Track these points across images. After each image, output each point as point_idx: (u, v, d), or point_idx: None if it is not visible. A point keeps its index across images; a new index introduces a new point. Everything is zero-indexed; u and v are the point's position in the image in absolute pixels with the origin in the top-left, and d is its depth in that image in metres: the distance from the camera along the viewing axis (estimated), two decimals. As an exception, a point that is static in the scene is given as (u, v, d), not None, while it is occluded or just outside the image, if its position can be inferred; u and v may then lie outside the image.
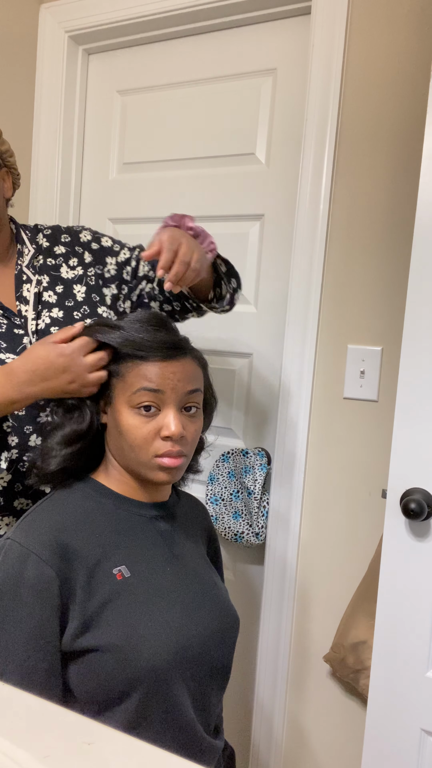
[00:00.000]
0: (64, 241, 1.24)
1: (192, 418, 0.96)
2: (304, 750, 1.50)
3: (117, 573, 0.91)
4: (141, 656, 0.87)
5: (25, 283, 1.17)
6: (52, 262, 1.21)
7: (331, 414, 1.44)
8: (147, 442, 0.92)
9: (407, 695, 1.12)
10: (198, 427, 0.97)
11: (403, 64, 1.34)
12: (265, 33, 1.59)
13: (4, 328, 1.12)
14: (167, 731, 0.91)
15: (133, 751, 0.46)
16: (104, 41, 1.79)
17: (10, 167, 1.18)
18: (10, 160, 1.17)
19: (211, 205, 1.68)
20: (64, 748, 0.45)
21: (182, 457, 0.94)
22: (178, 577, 0.97)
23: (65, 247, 1.23)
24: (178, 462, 0.93)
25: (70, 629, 0.88)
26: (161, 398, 0.92)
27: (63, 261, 1.22)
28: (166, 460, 0.92)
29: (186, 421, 0.95)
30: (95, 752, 0.45)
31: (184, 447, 0.94)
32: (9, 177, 1.18)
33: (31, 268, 1.19)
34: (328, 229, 1.43)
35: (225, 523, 1.55)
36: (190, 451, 0.97)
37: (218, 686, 0.99)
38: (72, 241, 1.25)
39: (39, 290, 1.17)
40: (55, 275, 1.20)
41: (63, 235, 1.25)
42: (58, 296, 1.18)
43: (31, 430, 1.12)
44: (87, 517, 0.94)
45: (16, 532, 0.91)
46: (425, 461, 1.10)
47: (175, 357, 0.94)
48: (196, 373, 0.96)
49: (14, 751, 0.44)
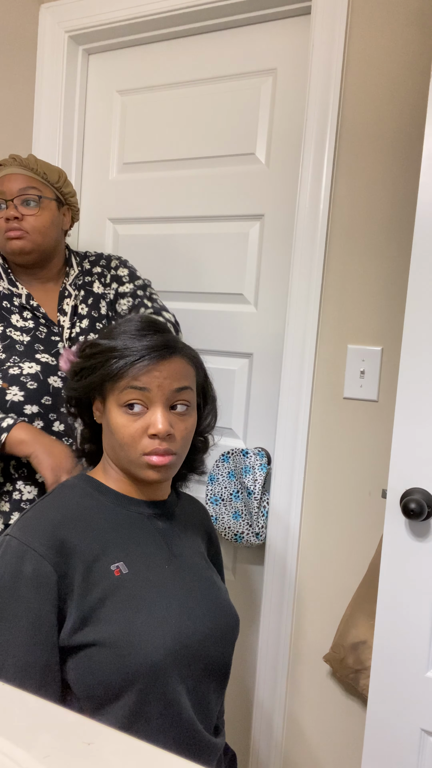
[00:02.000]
0: (102, 264, 1.48)
1: (181, 416, 0.96)
2: (304, 750, 1.50)
3: (115, 569, 0.92)
4: (138, 652, 0.88)
5: (66, 297, 1.40)
6: (89, 279, 1.45)
7: (331, 414, 1.44)
8: (135, 440, 0.93)
9: (407, 695, 1.12)
10: (188, 426, 0.97)
11: (403, 63, 1.34)
12: (265, 33, 1.59)
13: (44, 335, 1.33)
14: (165, 728, 0.91)
15: (132, 750, 0.46)
16: (104, 41, 1.79)
17: (72, 205, 1.43)
18: (72, 200, 1.42)
19: (212, 205, 1.68)
20: (64, 748, 0.45)
21: (171, 455, 0.94)
22: (176, 574, 0.97)
23: (101, 269, 1.48)
24: (167, 460, 0.93)
25: (67, 624, 0.88)
26: (148, 396, 0.92)
27: (96, 278, 1.46)
28: (154, 458, 0.93)
29: (174, 419, 0.95)
30: (95, 752, 0.45)
31: (172, 445, 0.94)
32: (69, 213, 1.43)
33: (73, 285, 1.42)
34: (328, 229, 1.43)
35: (225, 523, 1.55)
36: (181, 450, 0.96)
37: (217, 685, 0.99)
38: (107, 264, 1.49)
39: (76, 303, 1.40)
40: (89, 290, 1.44)
41: (102, 260, 1.49)
42: (88, 307, 1.41)
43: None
44: (85, 513, 0.95)
45: (14, 529, 0.92)
46: (425, 461, 1.10)
47: (163, 355, 0.93)
48: (185, 372, 0.96)
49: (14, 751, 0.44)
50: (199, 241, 1.69)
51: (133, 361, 0.92)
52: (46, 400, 1.28)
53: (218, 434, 1.68)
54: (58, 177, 1.38)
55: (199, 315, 1.69)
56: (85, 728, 0.48)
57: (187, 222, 1.72)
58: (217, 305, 1.68)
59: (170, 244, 1.74)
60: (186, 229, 1.72)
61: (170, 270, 1.74)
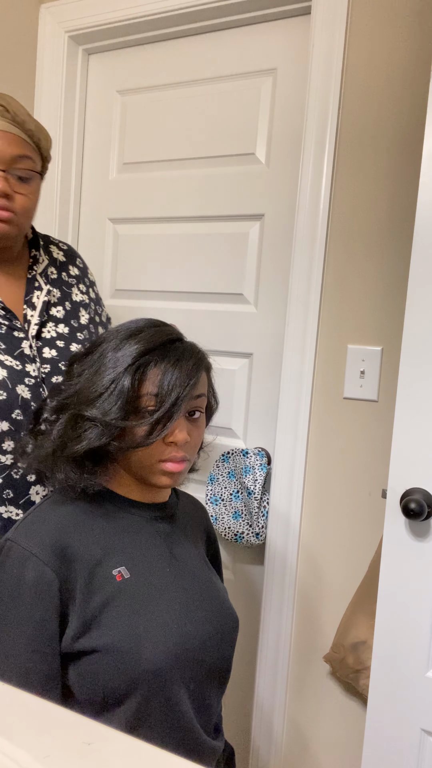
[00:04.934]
0: (79, 265, 1.30)
1: (196, 423, 0.96)
2: (304, 750, 1.50)
3: (117, 574, 0.91)
4: (140, 657, 0.87)
5: (36, 289, 1.19)
6: (66, 280, 1.25)
7: (331, 414, 1.44)
8: (151, 446, 0.92)
9: (407, 695, 1.12)
10: (201, 432, 0.98)
11: (403, 63, 1.34)
12: (265, 33, 1.59)
13: (4, 329, 1.12)
14: (167, 732, 0.91)
15: (132, 751, 0.46)
16: (104, 41, 1.79)
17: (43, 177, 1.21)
18: (45, 171, 1.20)
19: (212, 205, 1.68)
20: (64, 748, 0.45)
21: (185, 461, 0.94)
22: (178, 577, 0.97)
23: (79, 271, 1.29)
24: (181, 467, 0.93)
25: (69, 630, 0.88)
26: None
27: (75, 283, 1.27)
28: (170, 465, 0.92)
29: (190, 426, 0.95)
30: (95, 752, 0.45)
31: (187, 452, 0.94)
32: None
33: (44, 277, 1.22)
34: (328, 229, 1.43)
35: (225, 523, 1.55)
36: (193, 455, 0.97)
37: (218, 686, 0.99)
38: (84, 269, 1.32)
39: (49, 300, 1.20)
40: (67, 292, 1.24)
41: (78, 259, 1.31)
42: (66, 313, 1.22)
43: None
44: (87, 518, 0.94)
45: (16, 533, 0.91)
46: (425, 461, 1.09)
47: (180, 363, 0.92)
48: (203, 380, 0.96)
49: (14, 751, 0.44)
50: (199, 241, 1.69)
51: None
52: (17, 415, 1.07)
53: (218, 434, 1.68)
54: (48, 144, 1.16)
55: (199, 315, 1.69)
56: (85, 728, 0.48)
57: (187, 222, 1.72)
58: (217, 305, 1.68)
59: (170, 244, 1.74)
60: (186, 229, 1.72)
61: (170, 270, 1.74)
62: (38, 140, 1.13)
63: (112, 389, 0.89)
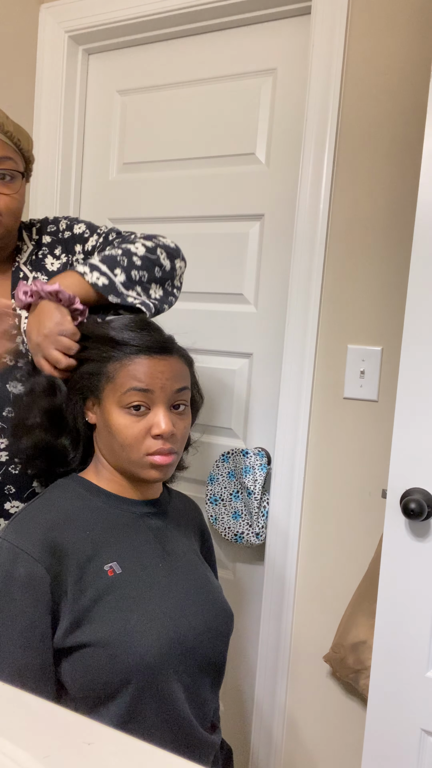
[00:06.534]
0: (50, 230, 1.26)
1: (181, 416, 0.97)
2: (303, 750, 1.50)
3: (108, 569, 0.92)
4: (133, 651, 0.88)
5: (22, 280, 1.18)
6: (41, 255, 1.23)
7: (331, 414, 1.44)
8: (138, 440, 0.93)
9: (407, 695, 1.12)
10: (187, 425, 0.99)
11: (403, 63, 1.34)
12: (265, 33, 1.59)
13: None
14: (161, 726, 0.91)
15: (132, 750, 0.46)
16: (104, 41, 1.79)
17: (27, 178, 1.22)
18: (30, 171, 1.21)
19: (212, 205, 1.68)
20: (64, 748, 0.45)
21: (173, 454, 0.95)
22: (170, 572, 0.98)
23: (50, 237, 1.25)
24: (170, 459, 0.95)
25: (62, 626, 0.88)
26: (151, 397, 0.93)
27: (48, 252, 1.23)
28: (158, 458, 0.94)
29: (175, 418, 0.96)
30: (95, 752, 0.45)
31: (174, 444, 0.95)
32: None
33: (29, 265, 1.21)
34: (328, 229, 1.43)
35: (225, 524, 1.55)
36: (180, 448, 0.98)
37: (212, 681, 1.00)
38: (56, 230, 1.26)
39: None
40: (43, 266, 1.22)
41: (49, 225, 1.27)
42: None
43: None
44: (78, 514, 0.95)
45: (6, 531, 0.92)
46: (425, 461, 1.10)
47: (162, 356, 0.95)
48: (183, 372, 0.98)
49: (14, 751, 0.44)
50: (199, 241, 1.69)
51: (133, 354, 0.93)
52: (8, 412, 1.08)
53: (218, 434, 1.68)
54: (29, 145, 1.18)
55: (199, 315, 1.69)
56: (85, 728, 0.49)
57: (187, 222, 1.72)
58: (217, 305, 1.68)
59: (170, 244, 1.74)
60: (186, 229, 1.72)
61: (170, 270, 1.74)
62: (18, 141, 1.15)
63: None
